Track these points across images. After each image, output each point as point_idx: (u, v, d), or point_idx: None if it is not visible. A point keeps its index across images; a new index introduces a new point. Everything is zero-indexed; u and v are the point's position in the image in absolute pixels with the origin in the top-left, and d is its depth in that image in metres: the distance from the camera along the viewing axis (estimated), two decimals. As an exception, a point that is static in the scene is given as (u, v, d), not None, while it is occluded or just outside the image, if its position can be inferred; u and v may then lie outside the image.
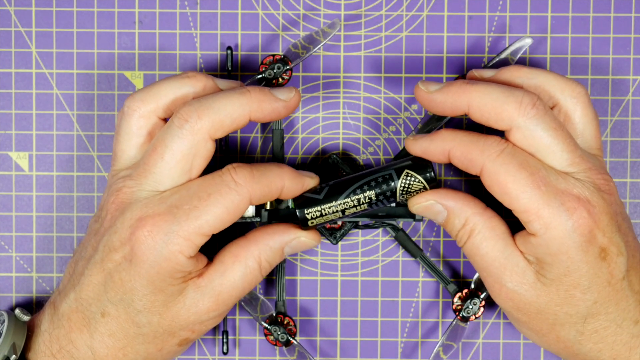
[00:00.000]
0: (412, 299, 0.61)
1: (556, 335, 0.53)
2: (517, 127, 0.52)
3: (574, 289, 0.51)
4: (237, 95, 0.53)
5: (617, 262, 0.51)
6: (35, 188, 0.61)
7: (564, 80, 0.54)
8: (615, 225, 0.51)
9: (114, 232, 0.52)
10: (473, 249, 0.53)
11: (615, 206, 0.52)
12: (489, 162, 0.51)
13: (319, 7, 0.60)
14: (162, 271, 0.51)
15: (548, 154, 0.52)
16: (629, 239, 0.53)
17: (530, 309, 0.53)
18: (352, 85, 0.61)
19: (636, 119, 0.61)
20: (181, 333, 0.54)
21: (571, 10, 0.60)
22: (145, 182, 0.53)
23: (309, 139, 0.61)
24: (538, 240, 0.51)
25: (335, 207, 0.54)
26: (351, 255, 0.61)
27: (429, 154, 0.53)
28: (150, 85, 0.54)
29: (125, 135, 0.54)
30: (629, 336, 0.52)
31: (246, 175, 0.52)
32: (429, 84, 0.54)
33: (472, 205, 0.54)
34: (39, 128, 0.61)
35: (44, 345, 0.54)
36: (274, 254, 0.54)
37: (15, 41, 0.60)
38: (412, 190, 0.54)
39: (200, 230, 0.51)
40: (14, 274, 0.61)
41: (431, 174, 0.54)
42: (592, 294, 0.51)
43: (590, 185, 0.51)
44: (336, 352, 0.61)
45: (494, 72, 0.55)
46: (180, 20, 0.60)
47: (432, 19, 0.60)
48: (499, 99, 0.52)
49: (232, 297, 0.54)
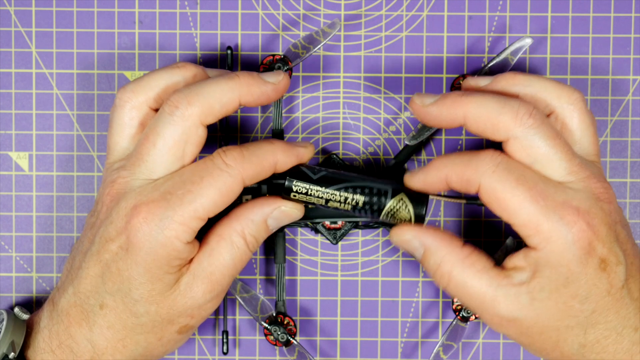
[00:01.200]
0: (412, 299, 0.61)
1: (560, 351, 0.53)
2: (515, 138, 0.51)
3: (572, 299, 0.51)
4: (226, 80, 0.53)
5: (617, 271, 0.51)
6: (35, 188, 0.61)
7: (560, 87, 0.54)
8: (613, 235, 0.51)
9: (109, 222, 0.52)
10: (459, 289, 0.52)
11: (614, 215, 0.52)
12: (485, 178, 0.51)
13: (319, 7, 0.60)
14: (158, 258, 0.51)
15: (546, 163, 0.51)
16: (628, 246, 0.52)
17: (532, 332, 0.52)
18: (352, 85, 0.61)
19: (636, 119, 0.61)
20: (180, 320, 0.54)
21: (571, 10, 0.60)
22: (138, 171, 0.53)
23: (309, 139, 0.61)
24: (538, 254, 0.51)
25: (322, 193, 0.54)
26: (351, 255, 0.61)
27: (428, 185, 0.53)
28: (141, 77, 0.55)
29: (118, 127, 0.55)
30: (630, 344, 0.52)
31: (236, 156, 0.52)
32: (424, 96, 0.53)
33: (447, 244, 0.53)
34: (39, 128, 0.61)
35: (43, 342, 0.54)
36: (257, 227, 0.54)
37: (15, 41, 0.60)
38: (397, 216, 0.54)
39: (195, 214, 0.51)
40: (14, 274, 0.61)
41: (423, 210, 0.53)
42: (590, 304, 0.51)
43: (589, 195, 0.51)
44: (336, 352, 0.61)
45: (490, 80, 0.55)
46: (180, 20, 0.61)
47: (432, 19, 0.60)
48: (494, 110, 0.51)
49: (224, 276, 0.53)
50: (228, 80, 0.53)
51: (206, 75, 0.55)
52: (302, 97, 0.61)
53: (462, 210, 0.61)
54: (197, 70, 0.55)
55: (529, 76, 0.54)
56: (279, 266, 0.59)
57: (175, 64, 0.55)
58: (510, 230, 0.61)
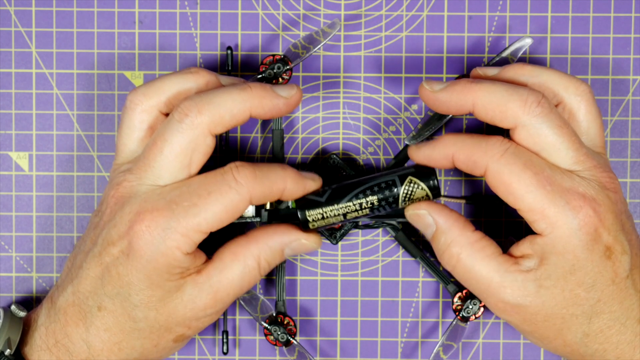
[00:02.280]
0: (412, 299, 0.61)
1: (563, 340, 0.53)
2: (522, 125, 0.52)
3: (578, 287, 0.51)
4: (238, 91, 0.53)
5: (622, 260, 0.51)
6: (35, 188, 0.61)
7: (568, 78, 0.54)
8: (619, 224, 0.52)
9: (112, 225, 0.52)
10: (466, 272, 0.53)
11: (620, 204, 0.52)
12: (493, 162, 0.51)
13: (319, 7, 0.60)
14: (158, 266, 0.52)
15: (553, 152, 0.52)
16: (633, 237, 0.53)
17: (537, 318, 0.52)
18: (352, 85, 0.61)
19: (636, 119, 0.61)
20: (177, 329, 0.54)
21: (571, 10, 0.60)
22: (145, 176, 0.53)
23: (309, 139, 0.61)
24: (544, 240, 0.51)
25: (337, 210, 0.54)
26: (351, 255, 0.61)
27: (433, 160, 0.53)
28: (153, 80, 0.55)
29: (127, 129, 0.55)
30: (633, 335, 0.52)
31: (248, 175, 0.52)
32: (433, 83, 0.54)
33: (460, 226, 0.53)
34: (39, 128, 0.61)
35: (40, 339, 0.54)
36: (273, 254, 0.54)
37: (15, 41, 0.60)
38: (415, 197, 0.54)
39: (198, 228, 0.51)
40: (14, 273, 0.61)
41: (434, 181, 0.54)
42: (596, 292, 0.51)
43: (596, 183, 0.52)
44: (336, 352, 0.61)
45: (498, 69, 0.55)
46: (180, 20, 0.61)
47: (432, 19, 0.60)
48: (503, 97, 0.52)
49: (229, 295, 0.53)
50: (240, 91, 0.53)
51: (219, 83, 0.55)
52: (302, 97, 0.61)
53: (462, 210, 0.61)
54: (210, 77, 0.54)
55: (537, 67, 0.54)
56: (279, 266, 0.59)
57: (189, 69, 0.55)
58: (510, 229, 0.61)
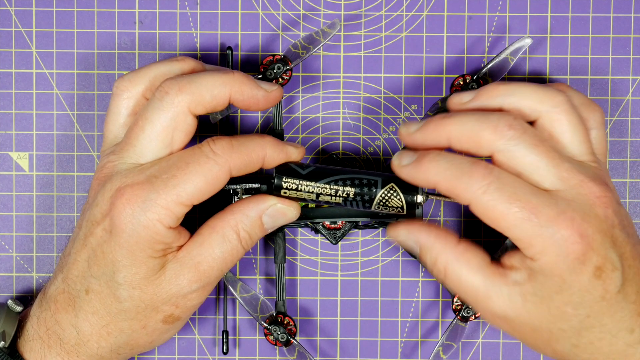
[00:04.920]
0: (412, 299, 0.61)
1: (552, 349, 0.53)
2: (499, 151, 0.51)
3: (565, 305, 0.51)
4: (220, 74, 0.53)
5: (612, 277, 0.51)
6: (35, 188, 0.61)
7: (543, 91, 0.53)
8: (609, 241, 0.51)
9: (95, 205, 0.53)
10: (454, 286, 0.53)
11: (612, 217, 0.51)
12: (476, 199, 0.50)
13: (319, 7, 0.60)
14: (141, 240, 0.52)
15: (534, 172, 0.51)
16: (627, 249, 0.52)
17: (524, 329, 0.52)
18: (352, 85, 0.61)
19: (636, 119, 0.61)
20: (164, 308, 0.54)
21: (571, 10, 0.60)
22: (126, 155, 0.53)
23: (309, 139, 0.61)
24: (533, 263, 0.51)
25: (313, 187, 0.54)
26: (351, 255, 0.61)
27: (416, 182, 0.53)
28: (140, 68, 0.55)
29: (113, 115, 0.55)
30: (625, 345, 0.52)
31: (225, 146, 0.52)
32: (409, 125, 0.53)
33: (442, 240, 0.53)
34: (39, 128, 0.61)
35: (32, 329, 0.54)
36: (252, 223, 0.54)
37: (15, 41, 0.61)
38: (390, 205, 0.54)
39: (179, 199, 0.51)
40: (14, 274, 0.61)
41: (415, 198, 0.53)
42: (584, 309, 0.51)
43: (583, 202, 0.51)
44: (336, 352, 0.61)
45: (473, 94, 0.54)
46: (180, 20, 0.61)
47: (432, 19, 0.60)
48: (474, 128, 0.51)
49: (212, 268, 0.53)
50: (222, 74, 0.53)
51: (204, 69, 0.56)
52: (302, 97, 0.61)
53: (462, 210, 0.61)
54: (196, 64, 0.55)
55: (510, 85, 0.53)
56: (279, 266, 0.59)
57: (175, 57, 0.55)
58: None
